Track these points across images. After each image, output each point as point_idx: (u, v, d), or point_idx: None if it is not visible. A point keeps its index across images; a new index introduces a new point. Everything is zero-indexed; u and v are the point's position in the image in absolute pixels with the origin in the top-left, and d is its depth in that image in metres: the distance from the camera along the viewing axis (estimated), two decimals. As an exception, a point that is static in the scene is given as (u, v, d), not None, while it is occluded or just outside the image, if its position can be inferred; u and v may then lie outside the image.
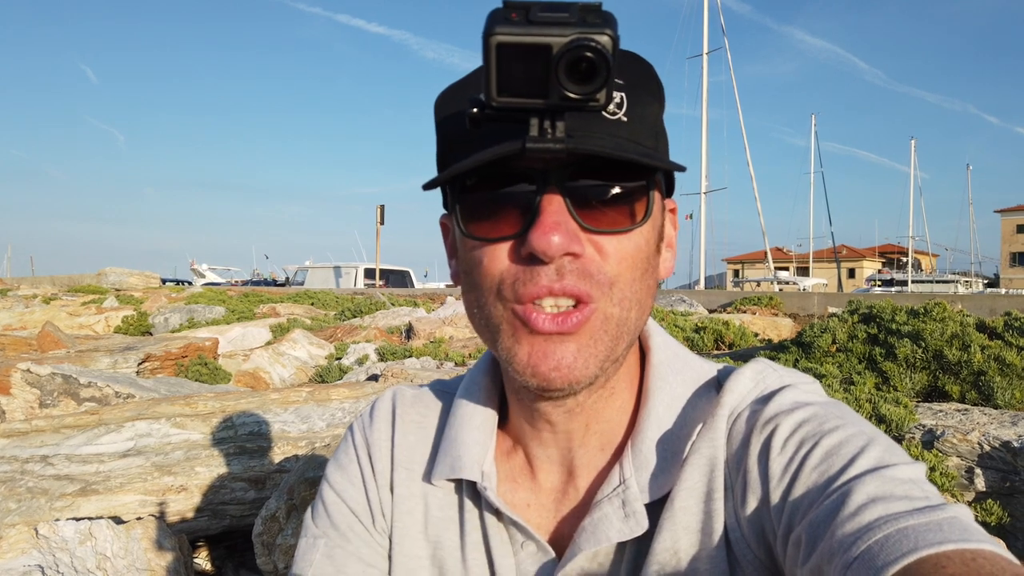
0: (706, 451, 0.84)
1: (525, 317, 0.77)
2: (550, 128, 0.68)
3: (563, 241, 0.74)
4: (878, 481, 0.68)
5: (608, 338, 0.79)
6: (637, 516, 0.83)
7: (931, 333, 4.21)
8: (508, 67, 0.63)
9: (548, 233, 0.74)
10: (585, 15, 0.62)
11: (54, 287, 19.17)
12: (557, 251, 0.74)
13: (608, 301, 0.78)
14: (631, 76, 0.81)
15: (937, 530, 0.61)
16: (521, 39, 0.62)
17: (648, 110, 0.82)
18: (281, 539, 2.74)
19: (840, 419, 0.79)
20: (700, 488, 0.82)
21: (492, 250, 0.79)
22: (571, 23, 0.61)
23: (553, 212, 0.75)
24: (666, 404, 0.88)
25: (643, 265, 0.81)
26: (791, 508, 0.73)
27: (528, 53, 0.62)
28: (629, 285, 0.79)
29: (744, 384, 0.88)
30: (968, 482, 3.23)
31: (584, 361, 0.78)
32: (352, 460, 1.02)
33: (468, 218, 0.81)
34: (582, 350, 0.78)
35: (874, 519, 0.64)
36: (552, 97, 0.64)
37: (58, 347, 6.33)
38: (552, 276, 0.76)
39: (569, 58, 0.61)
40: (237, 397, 3.58)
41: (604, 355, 0.79)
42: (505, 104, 0.65)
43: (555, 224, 0.74)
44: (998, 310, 9.68)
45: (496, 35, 0.62)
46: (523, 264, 0.77)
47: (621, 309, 0.79)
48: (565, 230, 0.75)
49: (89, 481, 3.04)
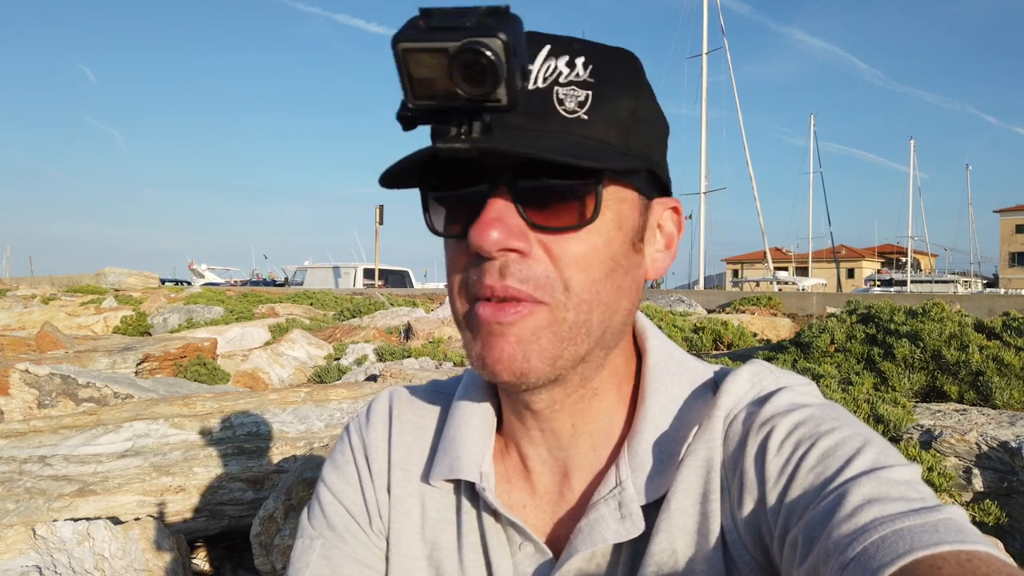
0: (702, 453, 0.84)
1: (475, 311, 0.79)
2: (467, 128, 0.70)
3: (500, 237, 0.74)
4: (874, 483, 0.68)
5: (556, 339, 0.78)
6: (633, 518, 0.83)
7: (929, 333, 4.21)
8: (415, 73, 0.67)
9: (485, 229, 0.74)
10: (483, 19, 0.65)
11: (53, 287, 19.17)
12: (493, 246, 0.75)
13: (562, 306, 0.78)
14: (605, 73, 0.80)
15: (933, 531, 0.61)
16: (421, 45, 0.65)
17: (616, 105, 0.80)
18: (279, 539, 2.74)
19: (836, 421, 0.79)
20: (696, 489, 0.82)
21: (455, 247, 0.81)
22: (466, 28, 0.64)
23: (494, 209, 0.76)
24: (662, 406, 0.88)
25: (606, 266, 0.80)
26: (787, 509, 0.73)
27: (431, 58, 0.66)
28: (587, 287, 0.79)
29: (740, 386, 0.87)
30: (966, 482, 3.23)
31: (524, 355, 0.78)
32: (349, 461, 1.02)
33: (434, 215, 0.83)
34: (523, 344, 0.77)
35: (870, 520, 0.64)
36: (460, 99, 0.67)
37: (57, 347, 6.32)
38: (495, 276, 0.76)
39: (460, 63, 0.64)
40: (235, 397, 3.58)
41: (552, 354, 0.79)
42: (422, 107, 0.69)
43: (493, 220, 0.75)
44: (996, 310, 9.69)
45: (401, 42, 0.65)
46: (476, 262, 0.78)
47: (577, 313, 0.78)
48: (505, 226, 0.75)
49: (87, 482, 3.04)
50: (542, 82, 0.77)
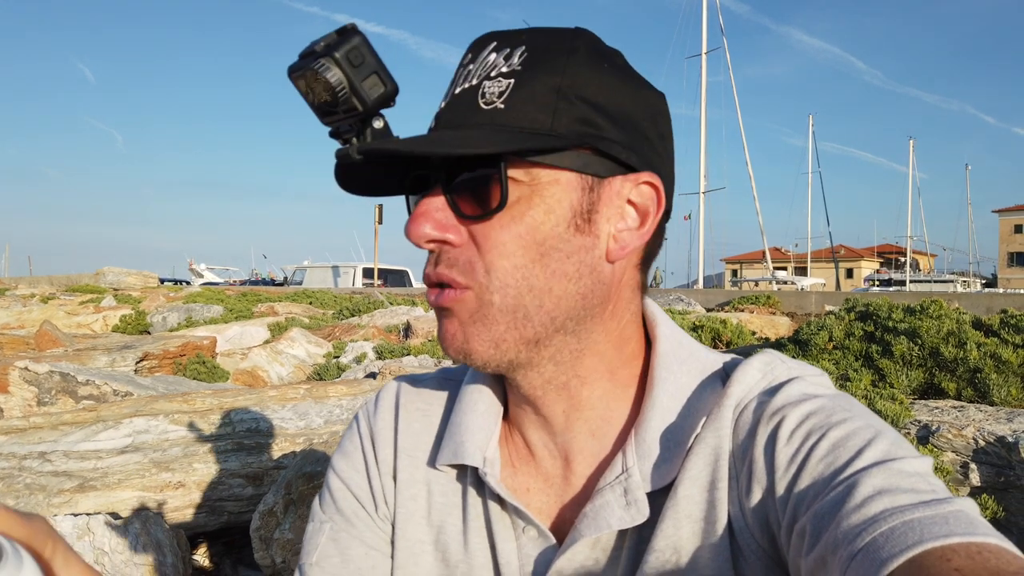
0: (711, 441, 0.83)
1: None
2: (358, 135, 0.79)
3: (426, 229, 0.81)
4: (884, 474, 0.68)
5: (488, 321, 0.82)
6: (639, 504, 0.83)
7: (927, 331, 4.22)
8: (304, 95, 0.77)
9: (411, 224, 0.81)
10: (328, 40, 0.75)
11: (52, 286, 19.16)
12: (421, 237, 0.81)
13: (484, 288, 0.81)
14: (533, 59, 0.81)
15: (943, 523, 0.61)
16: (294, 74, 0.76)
17: (535, 88, 0.79)
18: (278, 533, 2.75)
19: (848, 412, 0.79)
20: (704, 477, 0.82)
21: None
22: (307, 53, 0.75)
23: (423, 204, 0.82)
24: (671, 394, 0.88)
25: (532, 251, 0.80)
26: (796, 499, 0.73)
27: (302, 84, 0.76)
28: (510, 272, 0.80)
29: (752, 375, 0.87)
30: (963, 477, 3.24)
31: (465, 336, 0.83)
32: (356, 448, 1.04)
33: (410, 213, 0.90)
34: (462, 326, 0.83)
35: (879, 511, 0.64)
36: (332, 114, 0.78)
37: (56, 346, 6.33)
38: (431, 265, 0.84)
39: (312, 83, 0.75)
40: (235, 394, 3.58)
41: (492, 337, 0.82)
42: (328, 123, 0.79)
43: (419, 215, 0.81)
44: (995, 308, 9.70)
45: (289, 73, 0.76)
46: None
47: (502, 296, 0.80)
48: (430, 220, 0.81)
49: (87, 478, 3.05)
50: (476, 79, 0.81)
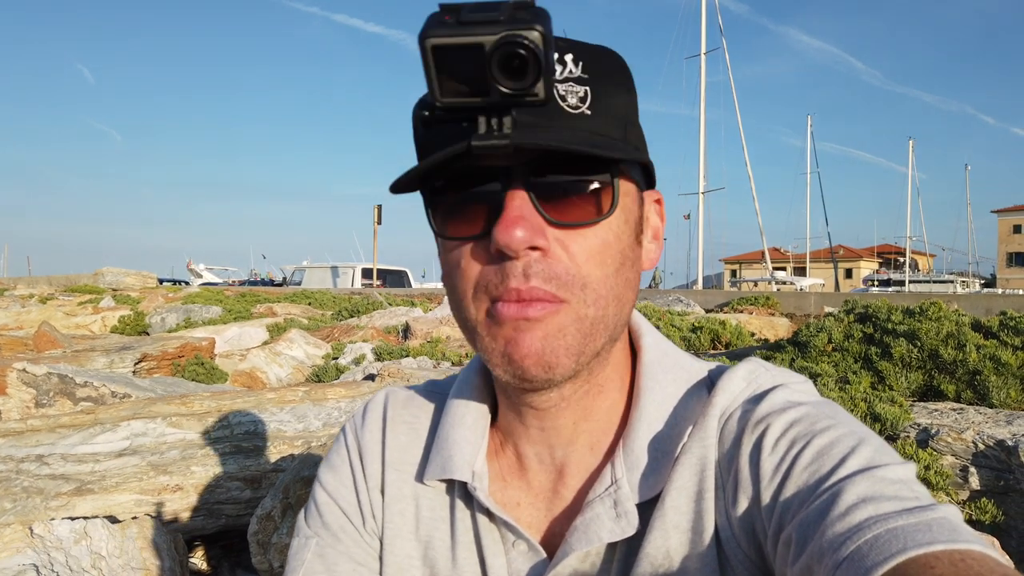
0: (697, 451, 0.83)
1: (493, 312, 0.78)
2: (496, 125, 0.70)
3: (526, 235, 0.74)
4: (868, 481, 0.68)
5: (579, 335, 0.79)
6: (629, 516, 0.83)
7: (927, 332, 4.22)
8: (446, 68, 0.65)
9: (510, 227, 0.74)
10: (515, 12, 0.64)
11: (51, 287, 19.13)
12: (520, 245, 0.74)
13: (581, 302, 0.78)
14: (597, 70, 0.80)
15: (926, 530, 0.61)
16: (453, 40, 0.63)
17: (614, 101, 0.81)
18: (276, 538, 2.74)
19: (832, 419, 0.79)
20: (691, 488, 0.82)
21: (466, 250, 0.80)
22: (500, 21, 0.63)
23: (516, 207, 0.75)
24: (657, 403, 0.88)
25: (617, 259, 0.81)
26: (782, 508, 0.73)
27: (462, 53, 0.64)
28: (602, 282, 0.79)
29: (736, 384, 0.87)
30: (963, 481, 3.23)
31: (553, 350, 0.78)
32: (344, 462, 1.02)
33: (441, 219, 0.81)
34: (550, 339, 0.77)
35: (864, 519, 0.64)
36: (492, 94, 0.66)
37: (54, 347, 6.32)
38: (520, 278, 0.76)
39: (500, 55, 0.63)
40: (233, 396, 3.57)
41: (577, 349, 0.79)
42: (449, 104, 0.67)
43: (517, 218, 0.74)
44: (994, 310, 9.69)
45: (429, 38, 0.63)
46: (494, 263, 0.78)
47: (596, 308, 0.79)
48: (528, 224, 0.75)
49: (84, 480, 3.04)
50: None
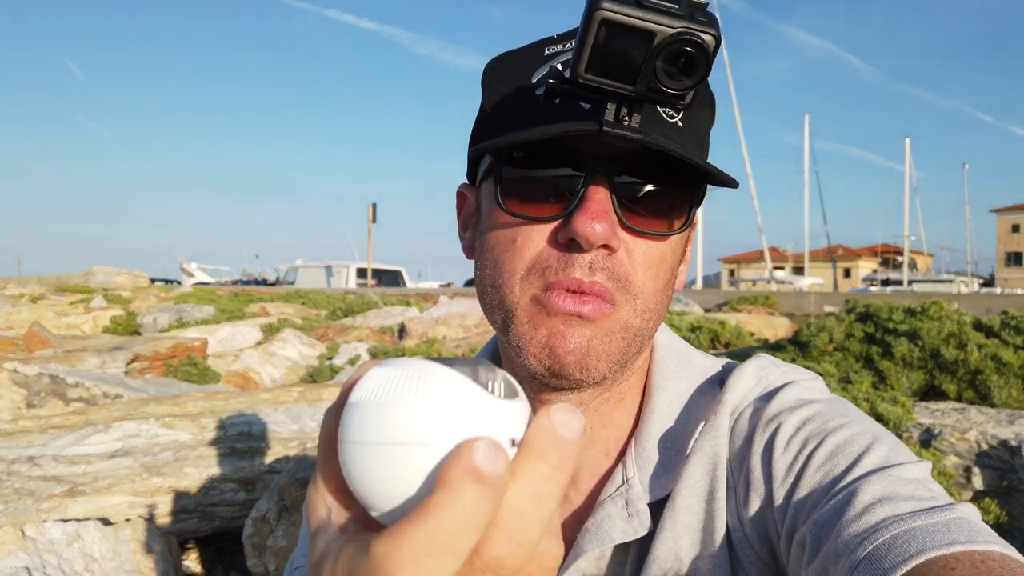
0: (708, 449, 0.82)
1: (546, 300, 0.75)
2: (627, 116, 0.66)
3: (605, 231, 0.73)
4: (884, 481, 0.67)
5: (624, 343, 0.78)
6: (640, 516, 0.81)
7: (928, 332, 4.21)
8: (605, 45, 0.61)
9: (593, 220, 0.72)
10: (693, 10, 0.60)
11: (42, 287, 19.02)
12: (598, 239, 0.72)
13: (631, 310, 0.77)
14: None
15: (945, 531, 0.60)
16: (627, 20, 0.59)
17: (701, 119, 0.81)
18: (272, 540, 2.70)
19: (844, 417, 0.78)
20: (702, 487, 0.81)
21: (528, 230, 0.77)
22: (679, 15, 0.59)
23: (599, 201, 0.74)
24: (669, 401, 0.87)
25: (667, 275, 0.81)
26: (795, 508, 0.72)
27: (630, 35, 0.60)
28: (652, 295, 0.79)
29: (747, 381, 0.86)
30: (966, 481, 3.21)
31: (596, 353, 0.76)
32: None
33: (508, 193, 0.78)
34: (596, 341, 0.76)
35: (880, 519, 0.63)
36: (640, 86, 0.62)
37: (45, 347, 6.27)
38: (585, 269, 0.74)
39: (672, 50, 0.60)
40: (227, 397, 3.54)
41: (616, 357, 0.78)
42: (591, 82, 0.63)
43: (601, 212, 0.73)
44: (994, 309, 9.71)
45: (603, 10, 0.58)
46: (559, 250, 0.75)
47: (642, 320, 0.78)
48: (609, 221, 0.73)
49: (76, 482, 2.99)
50: None
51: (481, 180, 0.85)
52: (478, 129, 0.87)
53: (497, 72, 0.84)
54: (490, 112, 0.84)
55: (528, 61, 0.82)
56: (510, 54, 0.85)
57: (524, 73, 0.81)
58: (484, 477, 0.35)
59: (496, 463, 0.36)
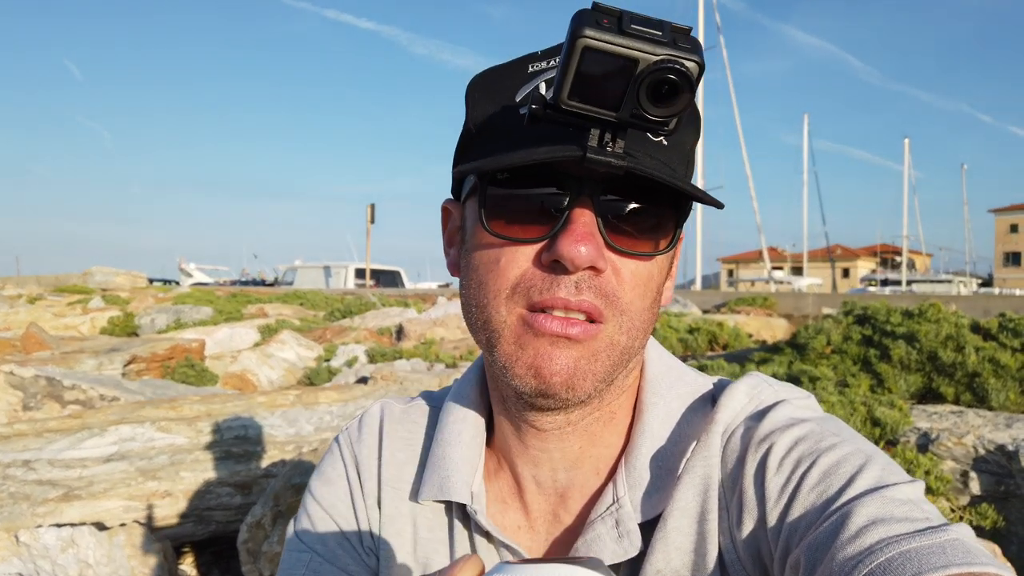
0: (700, 470, 0.81)
1: (532, 321, 0.75)
2: (610, 141, 0.66)
3: (591, 253, 0.72)
4: (878, 502, 0.67)
5: (609, 362, 0.77)
6: (631, 536, 0.80)
7: (926, 334, 4.20)
8: (588, 72, 0.61)
9: (578, 243, 0.72)
10: (676, 36, 0.60)
11: (39, 287, 19.00)
12: (584, 262, 0.72)
13: (617, 328, 0.77)
14: None
15: (940, 553, 0.60)
16: (610, 47, 0.59)
17: (686, 137, 0.81)
18: (267, 546, 2.69)
19: (837, 436, 0.77)
20: (693, 508, 0.80)
21: (512, 251, 0.77)
22: (662, 42, 0.59)
23: (584, 223, 0.73)
24: (660, 419, 0.86)
25: (653, 293, 0.80)
26: (789, 530, 0.71)
27: (612, 63, 0.60)
28: (639, 313, 0.78)
29: (738, 400, 0.85)
30: (963, 486, 3.20)
31: (583, 373, 0.76)
32: (340, 475, 0.99)
33: (492, 213, 0.77)
34: (582, 361, 0.76)
35: (875, 542, 0.62)
36: (623, 112, 0.62)
37: (42, 348, 6.25)
38: (571, 289, 0.74)
39: (654, 78, 0.60)
40: (223, 400, 3.53)
41: (603, 376, 0.77)
42: (573, 109, 0.63)
43: (587, 235, 0.73)
44: (992, 311, 9.71)
45: (585, 37, 0.58)
46: (543, 271, 0.75)
47: (628, 338, 0.78)
48: (595, 243, 0.73)
49: (72, 486, 2.98)
50: None
51: (466, 198, 0.85)
52: (462, 147, 0.87)
53: (481, 89, 0.84)
54: (474, 130, 0.83)
55: (512, 78, 0.81)
56: (494, 70, 0.84)
57: (508, 91, 0.80)
58: None
59: None
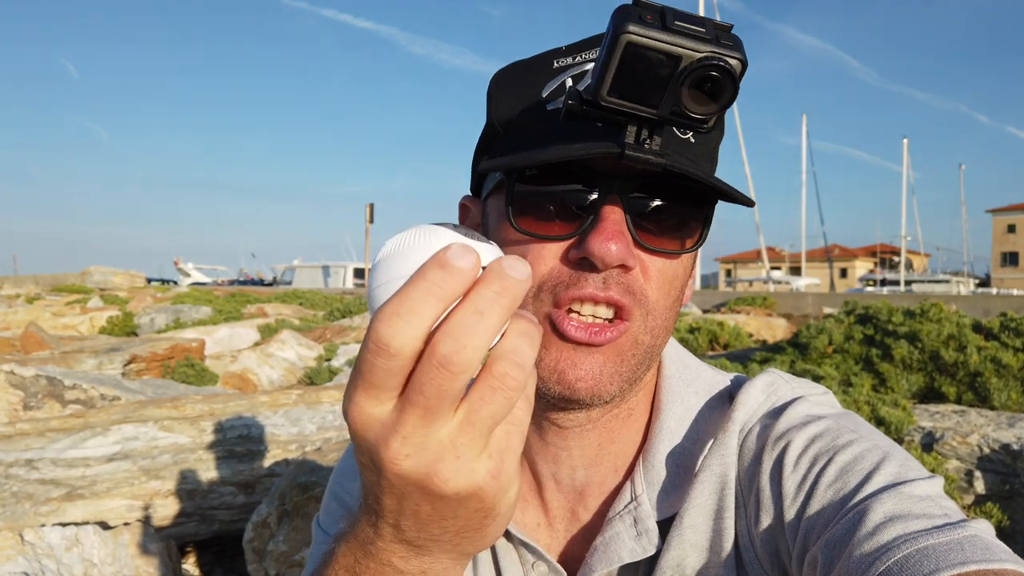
0: (717, 468, 0.81)
1: (558, 323, 0.74)
2: (648, 139, 0.65)
3: (621, 251, 0.72)
4: (895, 498, 0.66)
5: (635, 361, 0.77)
6: (649, 534, 0.80)
7: (928, 334, 4.20)
8: (629, 68, 0.59)
9: (609, 240, 0.71)
10: (719, 33, 0.59)
11: (38, 287, 18.99)
12: (614, 260, 0.72)
13: (643, 326, 0.77)
14: None
15: (958, 549, 0.59)
16: (654, 43, 0.57)
17: (713, 135, 0.80)
18: (272, 545, 2.68)
19: (854, 432, 0.77)
20: (710, 506, 0.80)
21: (539, 248, 0.76)
22: (706, 39, 0.58)
23: (615, 221, 0.73)
24: (678, 417, 0.86)
25: (678, 292, 0.80)
26: (806, 527, 0.71)
27: (654, 59, 0.58)
28: (663, 312, 0.78)
29: (755, 397, 0.85)
30: (967, 485, 3.21)
31: (609, 377, 0.76)
32: None
33: (520, 210, 0.77)
34: (607, 365, 0.76)
35: (892, 538, 0.62)
36: (663, 109, 0.61)
37: (42, 348, 6.24)
38: (599, 284, 0.73)
39: (698, 75, 0.58)
40: (225, 399, 3.52)
41: (628, 376, 0.77)
42: (612, 105, 0.62)
43: (617, 233, 0.72)
44: (992, 310, 9.72)
45: (629, 33, 0.57)
46: (571, 268, 0.75)
47: (652, 336, 0.78)
48: (625, 241, 0.73)
49: (75, 486, 2.98)
50: None
51: (489, 195, 0.84)
52: (485, 143, 0.86)
53: (505, 85, 0.83)
54: (499, 127, 0.82)
55: (537, 74, 0.81)
56: (518, 66, 0.84)
57: (534, 87, 0.80)
58: (446, 264, 0.45)
59: (460, 258, 0.46)
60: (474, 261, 0.46)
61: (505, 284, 0.47)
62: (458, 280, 0.46)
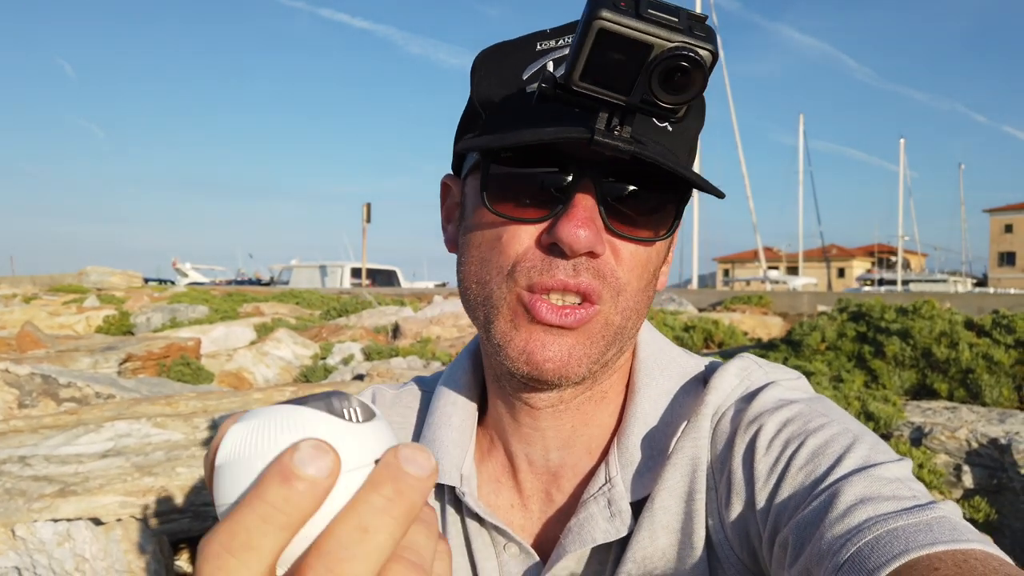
0: (689, 451, 0.82)
1: (530, 304, 0.76)
2: (618, 125, 0.66)
3: (590, 238, 0.73)
4: (865, 481, 0.67)
5: (604, 342, 0.79)
6: (623, 515, 0.81)
7: (920, 331, 4.21)
8: (601, 54, 0.60)
9: (578, 227, 0.73)
10: (692, 24, 0.60)
11: (34, 286, 18.96)
12: (582, 247, 0.73)
13: (613, 307, 0.78)
14: None
15: (927, 530, 0.60)
16: (625, 31, 0.58)
17: (690, 124, 0.81)
18: (264, 540, 2.70)
19: (825, 416, 0.78)
20: (681, 488, 0.81)
21: (513, 230, 0.77)
22: (679, 28, 0.58)
23: (585, 207, 0.74)
24: (652, 400, 0.87)
25: (650, 276, 0.81)
26: (777, 510, 0.72)
27: (626, 47, 0.59)
28: (634, 295, 0.79)
29: (728, 381, 0.86)
30: (956, 479, 3.22)
31: (578, 359, 0.77)
32: None
33: (494, 192, 0.78)
34: (577, 347, 0.77)
35: (863, 520, 0.63)
36: (633, 97, 0.62)
37: (38, 347, 6.25)
38: (569, 271, 0.75)
39: (668, 64, 0.59)
40: (219, 397, 3.53)
41: (596, 357, 0.79)
42: (584, 90, 0.63)
43: (587, 219, 0.73)
44: (986, 309, 9.73)
45: (601, 19, 0.58)
46: (543, 252, 0.76)
47: (623, 318, 0.79)
48: (594, 228, 0.74)
49: (68, 482, 2.98)
50: None
51: (467, 175, 0.85)
52: (465, 122, 0.87)
53: (487, 64, 0.84)
54: (479, 106, 0.83)
55: (520, 55, 0.81)
56: (502, 46, 0.84)
57: (515, 68, 0.81)
58: (290, 477, 0.35)
59: (312, 465, 0.35)
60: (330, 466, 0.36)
61: (400, 487, 0.37)
62: (307, 497, 0.35)
